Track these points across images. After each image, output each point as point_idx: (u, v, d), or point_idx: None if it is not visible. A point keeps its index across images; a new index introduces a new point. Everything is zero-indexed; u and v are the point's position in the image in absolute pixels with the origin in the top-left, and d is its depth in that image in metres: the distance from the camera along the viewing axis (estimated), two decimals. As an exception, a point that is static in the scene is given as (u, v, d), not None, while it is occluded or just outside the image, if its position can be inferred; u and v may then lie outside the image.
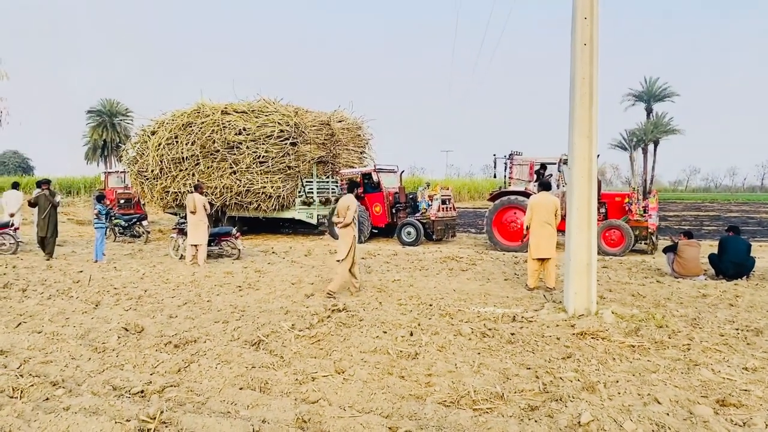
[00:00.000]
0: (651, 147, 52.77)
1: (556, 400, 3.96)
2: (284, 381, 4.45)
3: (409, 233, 15.30)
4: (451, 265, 11.03)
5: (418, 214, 15.73)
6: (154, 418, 3.55)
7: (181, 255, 12.07)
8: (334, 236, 16.55)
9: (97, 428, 3.43)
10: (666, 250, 9.91)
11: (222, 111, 17.19)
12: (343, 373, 4.61)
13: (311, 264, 11.31)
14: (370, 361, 4.94)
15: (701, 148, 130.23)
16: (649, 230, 12.98)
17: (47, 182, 12.35)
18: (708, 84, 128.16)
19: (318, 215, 17.80)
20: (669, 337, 5.52)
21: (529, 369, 4.69)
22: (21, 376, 4.59)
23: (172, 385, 4.37)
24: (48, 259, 11.79)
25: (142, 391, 4.25)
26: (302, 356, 5.10)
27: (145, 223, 16.91)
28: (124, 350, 5.33)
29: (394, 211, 16.46)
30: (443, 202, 15.73)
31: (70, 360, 5.04)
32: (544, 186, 8.73)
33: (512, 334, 5.73)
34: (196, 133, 17.25)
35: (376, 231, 16.81)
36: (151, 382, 4.41)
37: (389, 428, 3.54)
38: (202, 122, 17.24)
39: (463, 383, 4.32)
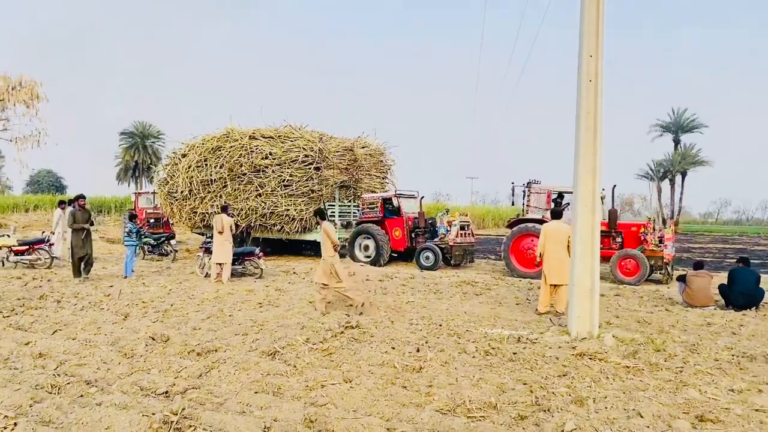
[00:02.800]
0: (678, 178, 52.31)
1: (545, 410, 4.26)
2: (296, 387, 4.83)
3: (427, 257, 15.63)
4: (465, 289, 11.31)
5: (436, 239, 16.06)
6: (177, 413, 3.95)
7: (207, 273, 12.58)
8: (355, 259, 16.98)
9: (126, 420, 3.84)
10: (679, 279, 10.08)
11: (250, 136, 17.91)
12: (350, 382, 4.97)
13: (330, 285, 11.68)
14: (376, 372, 5.29)
15: (733, 181, 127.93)
16: (665, 260, 13.11)
17: (83, 197, 12.36)
18: (739, 115, 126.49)
19: (339, 238, 18.23)
20: (665, 360, 5.74)
21: (525, 384, 4.98)
22: (58, 375, 5.06)
23: (193, 388, 4.79)
24: (85, 278, 11.86)
25: (166, 392, 4.68)
26: (314, 366, 5.48)
27: (173, 242, 17.58)
28: (150, 357, 5.78)
29: (413, 235, 16.81)
30: (462, 228, 16.07)
31: (101, 363, 5.50)
32: (555, 214, 9.05)
33: (514, 353, 6.02)
34: (225, 157, 17.98)
35: (396, 255, 17.15)
36: (174, 385, 4.83)
37: (387, 429, 3.89)
38: (231, 146, 17.97)
39: (460, 394, 4.65)
